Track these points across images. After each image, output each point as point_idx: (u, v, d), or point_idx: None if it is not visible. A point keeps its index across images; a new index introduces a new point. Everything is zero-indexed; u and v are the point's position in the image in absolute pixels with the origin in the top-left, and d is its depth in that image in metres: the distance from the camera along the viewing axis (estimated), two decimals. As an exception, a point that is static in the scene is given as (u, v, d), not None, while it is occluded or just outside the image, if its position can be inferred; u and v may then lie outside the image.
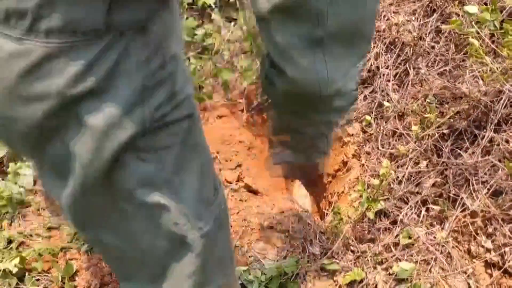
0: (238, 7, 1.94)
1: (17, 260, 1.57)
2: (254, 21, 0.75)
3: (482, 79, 1.46)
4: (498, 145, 1.47)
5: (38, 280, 1.59)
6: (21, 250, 1.65)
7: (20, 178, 1.84)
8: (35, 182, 1.86)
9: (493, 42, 1.56)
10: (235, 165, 1.88)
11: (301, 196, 2.01)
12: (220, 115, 2.00)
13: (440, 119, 1.55)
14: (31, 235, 1.71)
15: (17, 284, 1.56)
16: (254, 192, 1.87)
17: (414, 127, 1.51)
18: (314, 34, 0.66)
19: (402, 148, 1.52)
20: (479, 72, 1.49)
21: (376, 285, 1.47)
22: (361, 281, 1.47)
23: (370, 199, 1.49)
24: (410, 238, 1.49)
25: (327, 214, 1.77)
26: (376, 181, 1.49)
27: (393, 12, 1.84)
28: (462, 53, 1.63)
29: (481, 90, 1.47)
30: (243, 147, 1.98)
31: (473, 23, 1.56)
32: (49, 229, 1.73)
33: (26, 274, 1.59)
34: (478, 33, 1.55)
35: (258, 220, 1.69)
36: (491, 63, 1.43)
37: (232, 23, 2.05)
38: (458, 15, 1.67)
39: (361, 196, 1.51)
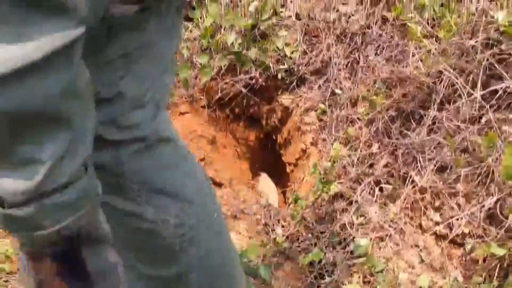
0: (194, 6, 1.99)
1: (-16, 263, 1.59)
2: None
3: (421, 61, 1.53)
4: (441, 123, 1.55)
5: (6, 281, 1.61)
6: (-12, 253, 1.67)
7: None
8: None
9: (433, 26, 1.64)
10: (198, 159, 1.92)
11: (266, 188, 2.07)
12: (183, 111, 2.05)
13: (388, 101, 1.62)
14: (-3, 237, 1.73)
15: (-15, 286, 1.59)
16: (218, 185, 1.92)
17: (360, 109, 1.58)
18: None
19: (350, 130, 1.58)
20: (420, 55, 1.57)
21: (336, 264, 1.53)
22: (320, 261, 1.53)
23: (324, 181, 1.55)
24: (364, 217, 1.56)
25: (290, 200, 1.83)
26: (328, 164, 1.56)
27: (342, 3, 1.92)
28: (406, 38, 1.71)
29: (422, 72, 1.55)
30: (206, 142, 2.03)
31: (413, 8, 1.64)
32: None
33: (-5, 276, 1.61)
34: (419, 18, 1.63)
35: (222, 210, 1.73)
36: (429, 44, 1.50)
37: (190, 23, 2.11)
38: (401, 2, 1.75)
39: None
